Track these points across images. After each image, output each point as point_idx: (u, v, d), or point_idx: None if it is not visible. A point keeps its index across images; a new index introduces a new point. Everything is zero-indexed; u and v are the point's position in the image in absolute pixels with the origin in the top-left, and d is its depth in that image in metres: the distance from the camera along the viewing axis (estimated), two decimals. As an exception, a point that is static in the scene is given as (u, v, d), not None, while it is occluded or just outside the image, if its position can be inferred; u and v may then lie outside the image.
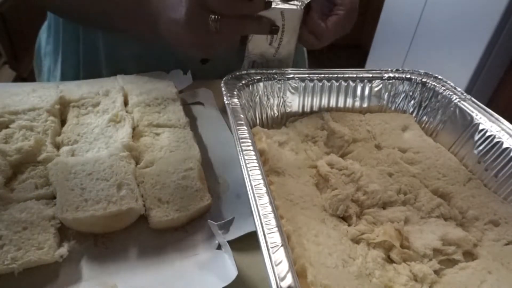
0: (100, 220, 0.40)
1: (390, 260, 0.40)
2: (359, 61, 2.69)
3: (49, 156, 0.47)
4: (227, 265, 0.38)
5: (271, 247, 0.30)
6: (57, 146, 0.50)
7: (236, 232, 0.41)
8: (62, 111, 0.56)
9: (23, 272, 0.36)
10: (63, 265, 0.38)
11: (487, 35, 1.68)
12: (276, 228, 0.32)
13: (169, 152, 0.50)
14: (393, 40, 2.29)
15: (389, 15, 2.32)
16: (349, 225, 0.43)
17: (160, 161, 0.48)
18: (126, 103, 0.58)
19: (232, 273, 0.37)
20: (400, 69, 0.62)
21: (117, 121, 0.53)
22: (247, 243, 0.41)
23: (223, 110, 0.62)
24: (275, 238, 0.31)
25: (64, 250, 0.38)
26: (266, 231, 0.31)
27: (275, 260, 0.29)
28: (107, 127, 0.52)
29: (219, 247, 0.41)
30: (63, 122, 0.55)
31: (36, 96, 0.55)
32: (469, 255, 0.41)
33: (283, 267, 0.29)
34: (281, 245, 0.30)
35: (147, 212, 0.43)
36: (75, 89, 0.59)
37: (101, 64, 0.72)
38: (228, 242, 0.39)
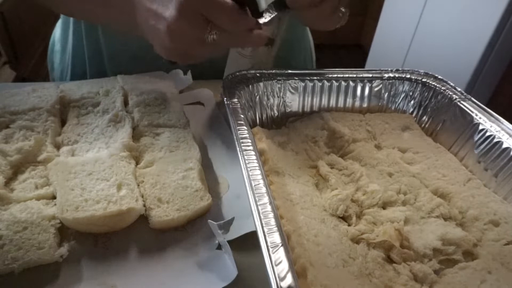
0: (100, 220, 0.40)
1: (390, 260, 0.40)
2: (359, 61, 2.69)
3: (49, 156, 0.47)
4: (227, 265, 0.38)
5: (271, 247, 0.30)
6: (57, 146, 0.50)
7: (236, 232, 0.41)
8: (62, 111, 0.56)
9: (23, 272, 0.36)
10: (63, 265, 0.38)
11: (487, 35, 1.68)
12: (276, 228, 0.32)
13: (169, 152, 0.50)
14: (393, 40, 2.29)
15: (389, 15, 2.32)
16: (349, 225, 0.43)
17: (160, 161, 0.48)
18: (126, 103, 0.58)
19: (232, 273, 0.37)
20: (400, 69, 0.62)
21: (117, 121, 0.53)
22: (247, 243, 0.41)
23: (223, 110, 0.62)
24: (275, 238, 0.31)
25: (64, 250, 0.38)
26: (266, 231, 0.31)
27: (275, 260, 0.29)
28: (107, 127, 0.52)
29: (219, 247, 0.41)
30: (63, 122, 0.55)
31: (36, 96, 0.55)
32: (469, 255, 0.41)
33: (283, 267, 0.29)
34: (281, 245, 0.30)
35: (147, 212, 0.43)
36: (75, 89, 0.59)
37: (105, 64, 0.73)
38: (228, 242, 0.39)
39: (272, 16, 0.53)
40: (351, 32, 3.06)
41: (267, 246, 0.30)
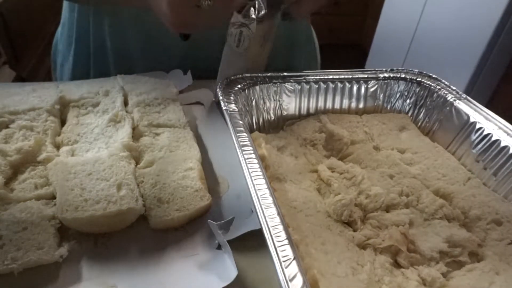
0: (100, 220, 0.40)
1: (397, 265, 0.39)
2: (359, 61, 2.69)
3: (49, 156, 0.47)
4: (227, 265, 0.38)
5: (283, 261, 0.30)
6: (57, 146, 0.50)
7: (236, 232, 0.41)
8: (62, 111, 0.56)
9: (23, 272, 0.36)
10: (63, 265, 0.38)
11: (487, 35, 1.68)
12: (287, 241, 0.31)
13: (169, 152, 0.50)
14: (393, 40, 2.29)
15: (389, 15, 2.32)
16: (354, 230, 0.43)
17: (160, 161, 0.48)
18: (126, 103, 0.58)
19: (232, 273, 0.37)
20: (395, 68, 0.62)
21: (117, 121, 0.53)
22: (247, 243, 0.41)
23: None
24: (287, 251, 0.30)
25: (64, 250, 0.38)
26: (277, 244, 0.31)
27: (289, 275, 0.29)
28: (107, 127, 0.52)
29: (219, 247, 0.41)
30: (63, 122, 0.55)
31: (36, 96, 0.55)
32: (474, 256, 0.41)
33: (297, 282, 0.28)
34: (293, 259, 0.30)
35: (147, 212, 0.43)
36: (75, 89, 0.59)
37: (109, 61, 0.73)
38: (228, 242, 0.39)
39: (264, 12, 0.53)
40: (351, 32, 3.06)
41: (280, 260, 0.30)
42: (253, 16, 0.53)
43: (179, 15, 0.48)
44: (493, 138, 0.50)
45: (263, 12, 0.53)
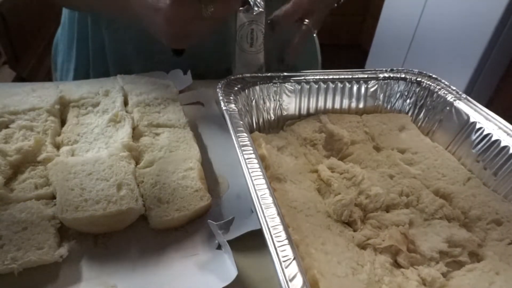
0: (100, 220, 0.40)
1: (397, 265, 0.39)
2: (359, 61, 2.69)
3: (49, 156, 0.47)
4: (227, 265, 0.38)
5: (283, 261, 0.30)
6: (57, 146, 0.50)
7: (236, 232, 0.41)
8: (62, 111, 0.56)
9: (23, 272, 0.36)
10: (63, 265, 0.38)
11: (487, 35, 1.68)
12: (287, 241, 0.31)
13: (169, 152, 0.50)
14: (393, 40, 2.29)
15: (389, 15, 2.32)
16: (354, 230, 0.43)
17: (160, 161, 0.48)
18: (126, 103, 0.58)
19: (232, 273, 0.37)
20: (395, 68, 0.62)
21: (117, 121, 0.53)
22: (247, 243, 0.41)
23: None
24: (287, 251, 0.31)
25: (64, 250, 0.38)
26: (277, 244, 0.31)
27: (289, 275, 0.29)
28: (107, 127, 0.52)
29: (219, 247, 0.41)
30: (63, 122, 0.55)
31: (36, 96, 0.55)
32: (474, 256, 0.41)
33: (297, 282, 0.28)
34: (293, 259, 0.30)
35: (147, 212, 0.43)
36: (75, 89, 0.59)
37: (108, 62, 0.73)
38: (228, 242, 0.39)
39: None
40: (351, 32, 3.06)
41: (280, 260, 0.30)
42: (256, 8, 0.53)
43: (176, 28, 0.46)
44: (493, 138, 0.50)
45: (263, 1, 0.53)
